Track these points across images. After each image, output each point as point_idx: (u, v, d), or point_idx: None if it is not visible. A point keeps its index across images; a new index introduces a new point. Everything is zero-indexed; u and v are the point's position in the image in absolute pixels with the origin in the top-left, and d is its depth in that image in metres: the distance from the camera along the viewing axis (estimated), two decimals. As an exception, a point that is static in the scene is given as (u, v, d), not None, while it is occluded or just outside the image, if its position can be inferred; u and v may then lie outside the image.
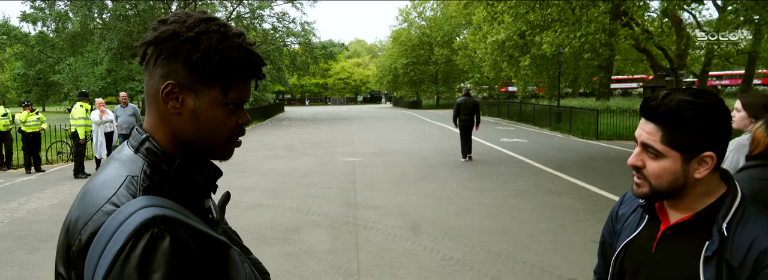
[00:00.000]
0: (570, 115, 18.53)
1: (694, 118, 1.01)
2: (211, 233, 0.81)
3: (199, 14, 0.88)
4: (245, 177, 8.98)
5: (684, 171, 1.06)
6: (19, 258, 4.73)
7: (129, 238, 0.71)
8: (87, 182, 0.86)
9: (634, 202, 1.27)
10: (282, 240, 5.17)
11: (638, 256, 1.19)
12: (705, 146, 1.04)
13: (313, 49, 32.23)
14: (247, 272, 0.86)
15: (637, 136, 1.10)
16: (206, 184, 0.92)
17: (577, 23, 12.08)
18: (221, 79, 0.86)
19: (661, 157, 1.06)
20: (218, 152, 0.92)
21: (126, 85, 24.35)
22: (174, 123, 0.87)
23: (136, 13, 24.25)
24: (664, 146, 1.04)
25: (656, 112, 1.04)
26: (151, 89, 0.87)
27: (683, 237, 1.11)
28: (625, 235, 1.24)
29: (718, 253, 1.03)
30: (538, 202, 6.76)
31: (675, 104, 1.02)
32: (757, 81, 35.00)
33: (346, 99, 71.11)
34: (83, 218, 0.78)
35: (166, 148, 0.87)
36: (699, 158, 1.05)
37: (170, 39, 0.84)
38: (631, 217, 1.26)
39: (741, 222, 1.04)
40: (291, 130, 21.42)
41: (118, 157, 0.87)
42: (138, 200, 0.77)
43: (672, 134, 1.03)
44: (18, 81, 42.93)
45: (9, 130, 10.50)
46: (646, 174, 1.09)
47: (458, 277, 4.12)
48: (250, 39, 0.93)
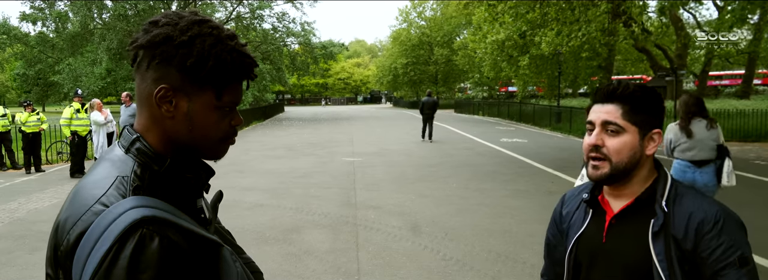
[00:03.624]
0: (570, 115, 18.54)
1: (646, 100, 1.19)
2: (202, 233, 0.81)
3: (191, 16, 0.86)
4: (245, 177, 8.98)
5: (640, 146, 1.19)
6: (19, 258, 4.73)
7: (117, 238, 0.71)
8: (78, 182, 0.86)
9: (575, 200, 1.35)
10: (282, 240, 5.16)
11: (590, 249, 1.26)
12: (654, 124, 1.21)
13: (313, 49, 32.22)
14: (239, 271, 0.86)
15: (594, 120, 1.21)
16: (198, 183, 0.92)
17: (576, 22, 12.08)
18: (215, 83, 0.85)
19: (622, 132, 1.18)
20: (211, 152, 0.92)
21: (126, 85, 24.40)
22: (167, 126, 0.87)
23: (136, 13, 24.25)
24: (625, 121, 1.18)
25: (616, 93, 1.19)
26: (143, 92, 0.86)
27: (629, 222, 1.21)
28: (574, 231, 1.30)
29: (664, 227, 1.14)
30: (538, 202, 6.76)
31: (632, 87, 1.19)
32: (757, 81, 34.97)
33: (345, 99, 71.09)
34: (72, 218, 0.77)
35: (157, 148, 0.87)
36: (650, 134, 1.20)
37: (163, 43, 0.83)
38: (575, 214, 1.33)
39: (677, 199, 1.17)
40: (291, 131, 21.42)
41: (109, 157, 0.87)
42: (127, 201, 0.76)
43: (631, 111, 1.18)
44: (18, 81, 42.94)
45: (9, 131, 10.50)
46: (606, 152, 1.18)
47: (458, 277, 4.12)
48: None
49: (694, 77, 24.45)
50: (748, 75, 25.99)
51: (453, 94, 52.82)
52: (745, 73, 26.29)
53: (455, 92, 54.14)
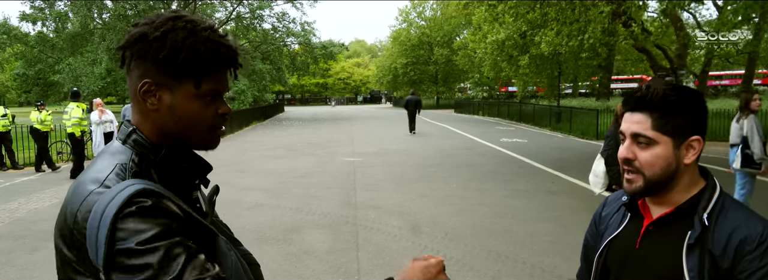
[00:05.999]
0: (570, 115, 18.53)
1: (679, 104, 1.07)
2: (198, 218, 0.85)
3: (168, 14, 0.91)
4: (245, 177, 8.98)
5: (676, 157, 1.09)
6: (19, 258, 4.73)
7: (121, 205, 0.76)
8: (80, 174, 0.90)
9: (616, 203, 1.29)
10: (282, 240, 5.17)
11: (622, 253, 1.20)
12: (691, 130, 1.09)
13: (313, 49, 32.20)
14: (234, 260, 0.90)
15: (624, 131, 1.13)
16: (192, 173, 0.96)
17: (576, 22, 12.08)
18: (192, 73, 0.89)
19: (653, 144, 1.09)
20: (201, 142, 0.95)
21: (126, 85, 24.32)
22: (155, 119, 0.91)
23: (136, 13, 24.20)
24: (656, 132, 1.08)
25: (644, 101, 1.09)
26: (131, 89, 0.92)
27: (666, 231, 1.13)
28: (609, 233, 1.25)
29: (700, 242, 1.06)
30: (538, 202, 6.75)
31: (661, 91, 1.08)
32: (757, 81, 34.98)
33: (345, 99, 71.04)
34: (77, 200, 0.82)
35: (152, 140, 0.92)
36: (687, 142, 1.09)
37: (139, 40, 0.88)
38: (613, 217, 1.28)
39: (721, 213, 1.08)
40: (291, 131, 21.42)
41: (108, 149, 0.92)
42: (127, 182, 0.81)
43: (661, 120, 1.08)
44: (18, 81, 42.91)
45: (9, 131, 10.49)
46: (638, 166, 1.11)
47: (458, 277, 4.12)
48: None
49: (694, 77, 24.44)
50: (748, 75, 25.96)
51: (453, 94, 52.78)
52: (745, 73, 26.26)
53: (455, 92, 54.11)
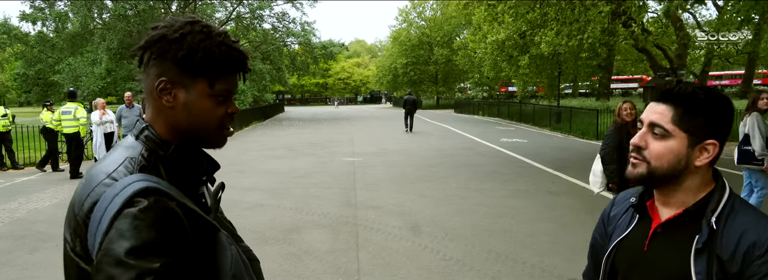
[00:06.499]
0: (570, 115, 18.53)
1: (706, 104, 1.06)
2: (200, 213, 0.90)
3: (186, 18, 0.98)
4: (245, 177, 8.98)
5: (687, 155, 1.08)
6: (19, 258, 4.73)
7: (123, 204, 0.82)
8: (93, 165, 0.97)
9: (625, 203, 1.28)
10: (282, 240, 5.17)
11: (630, 255, 1.19)
12: (710, 133, 1.07)
13: (313, 49, 32.17)
14: (234, 254, 0.94)
15: (643, 119, 1.12)
16: (199, 170, 1.01)
17: (575, 22, 12.09)
18: (207, 73, 0.96)
19: (668, 137, 1.08)
20: (211, 139, 1.02)
21: (126, 85, 24.35)
22: (169, 115, 0.98)
23: (136, 13, 24.19)
24: (674, 125, 1.07)
25: (671, 93, 1.08)
26: (148, 87, 0.98)
27: (674, 233, 1.12)
28: (617, 235, 1.24)
29: (708, 246, 1.04)
30: (538, 202, 6.76)
31: (691, 88, 1.07)
32: (757, 81, 34.97)
33: (345, 99, 71.03)
34: (86, 190, 0.89)
35: (163, 136, 0.98)
36: (703, 144, 1.07)
37: (159, 41, 0.95)
38: (622, 217, 1.26)
39: (730, 216, 1.06)
40: (291, 131, 21.42)
41: (122, 143, 1.00)
42: (133, 176, 0.88)
43: (683, 115, 1.06)
44: (18, 81, 42.92)
45: (9, 131, 10.49)
46: (646, 155, 1.10)
47: (458, 277, 4.12)
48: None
49: (694, 77, 24.47)
50: (748, 75, 26.01)
51: (453, 94, 52.78)
52: (745, 73, 26.31)
53: (455, 92, 54.11)
